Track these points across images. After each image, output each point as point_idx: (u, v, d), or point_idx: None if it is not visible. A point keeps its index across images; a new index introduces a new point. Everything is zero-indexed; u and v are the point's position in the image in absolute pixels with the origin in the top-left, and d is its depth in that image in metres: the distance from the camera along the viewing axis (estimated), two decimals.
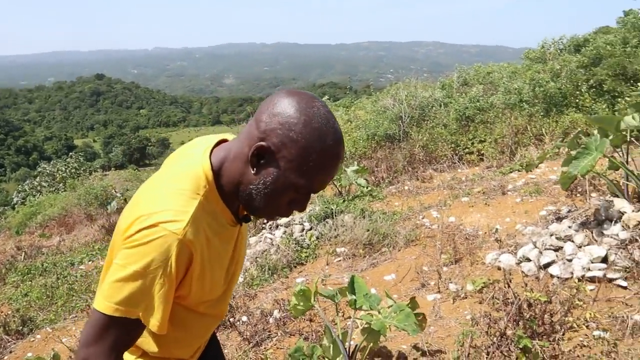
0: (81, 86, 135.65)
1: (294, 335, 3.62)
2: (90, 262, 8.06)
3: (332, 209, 5.58)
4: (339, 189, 6.32)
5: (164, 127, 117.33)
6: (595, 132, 3.53)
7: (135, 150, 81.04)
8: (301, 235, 5.53)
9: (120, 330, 1.16)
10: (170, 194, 1.19)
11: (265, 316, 3.91)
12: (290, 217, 6.05)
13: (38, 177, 21.66)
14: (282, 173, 1.15)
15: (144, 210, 1.16)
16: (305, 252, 5.14)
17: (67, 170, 21.12)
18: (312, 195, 1.26)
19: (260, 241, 5.76)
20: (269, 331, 3.71)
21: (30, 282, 7.13)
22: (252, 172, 1.17)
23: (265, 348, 3.51)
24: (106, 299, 1.14)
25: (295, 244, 5.26)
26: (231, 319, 4.02)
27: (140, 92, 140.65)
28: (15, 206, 19.04)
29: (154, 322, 1.18)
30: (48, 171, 21.53)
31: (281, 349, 3.47)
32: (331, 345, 2.72)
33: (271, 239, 5.64)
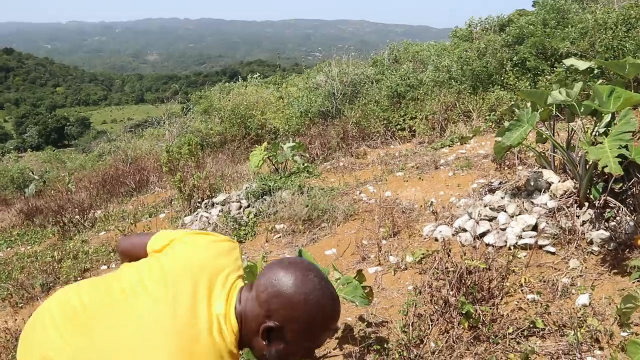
0: None
1: None
2: (9, 249, 7.59)
3: (269, 185, 5.53)
4: (276, 166, 6.27)
5: (84, 106, 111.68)
6: (529, 104, 3.68)
7: (52, 130, 76.62)
8: (239, 213, 5.45)
9: None
10: None
11: None
12: (227, 194, 5.95)
13: None
14: (292, 343, 1.24)
15: None
16: (244, 230, 5.08)
17: None
18: None
19: (196, 220, 5.63)
20: None
21: None
22: (264, 343, 1.24)
23: None
24: None
25: (233, 222, 5.18)
26: None
27: (55, 69, 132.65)
28: None
29: None
30: None
31: None
32: None
33: (207, 217, 5.53)
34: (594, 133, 3.33)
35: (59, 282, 5.30)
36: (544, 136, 3.94)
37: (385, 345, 2.80)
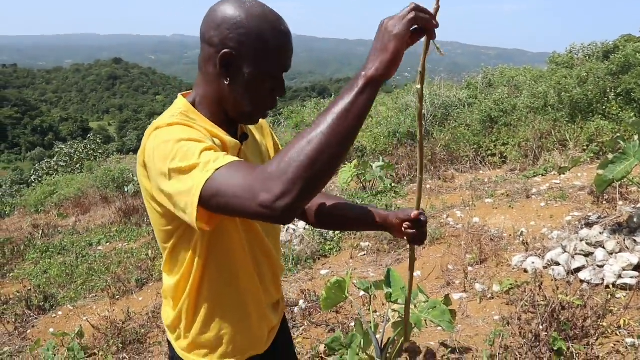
0: (98, 69, 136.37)
1: (320, 326, 3.63)
2: (108, 244, 8.13)
3: (356, 201, 5.58)
4: (364, 184, 6.32)
5: None
6: (636, 137, 3.50)
7: None
8: None
9: None
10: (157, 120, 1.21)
11: (290, 306, 3.93)
12: None
13: (55, 157, 21.79)
14: (253, 67, 1.20)
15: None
16: (329, 245, 5.15)
17: (85, 152, 21.25)
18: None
19: (283, 231, 5.78)
20: (294, 321, 3.73)
21: (49, 260, 7.21)
22: (227, 82, 1.22)
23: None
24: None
25: (319, 235, 5.27)
26: None
27: (156, 78, 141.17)
28: (32, 185, 19.18)
29: None
30: (65, 152, 21.66)
31: (308, 338, 3.48)
32: (362, 338, 2.73)
33: (294, 229, 5.66)
34: None
35: (152, 279, 5.62)
36: None
37: None
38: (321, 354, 3.16)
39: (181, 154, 1.05)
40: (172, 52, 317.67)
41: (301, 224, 5.73)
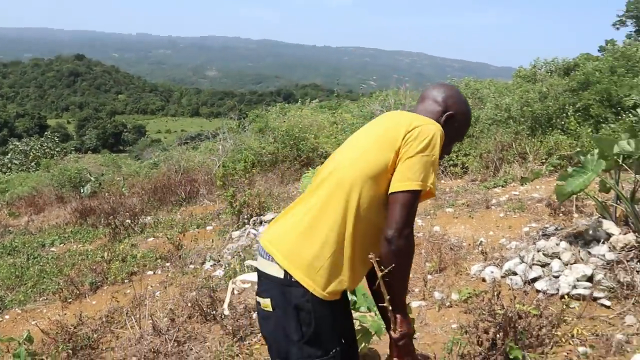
0: (59, 65, 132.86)
1: None
2: (62, 245, 7.87)
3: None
4: None
5: (141, 114, 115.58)
6: (595, 152, 3.58)
7: (110, 135, 79.63)
8: None
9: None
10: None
11: (249, 311, 3.87)
12: (275, 214, 6.02)
13: (9, 154, 21.07)
14: (456, 129, 1.92)
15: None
16: None
17: (41, 150, 20.62)
18: None
19: (243, 236, 5.71)
20: (253, 327, 3.67)
21: None
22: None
23: (249, 343, 3.47)
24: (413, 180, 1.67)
25: None
26: (213, 312, 3.96)
27: (119, 77, 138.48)
28: None
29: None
30: (21, 149, 20.97)
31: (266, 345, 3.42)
32: None
33: (255, 234, 5.60)
34: None
35: (106, 283, 5.46)
36: (607, 186, 3.83)
37: None
38: None
39: None
40: (137, 50, 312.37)
41: (262, 229, 5.67)
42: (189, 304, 4.23)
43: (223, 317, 3.92)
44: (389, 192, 1.68)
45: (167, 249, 6.25)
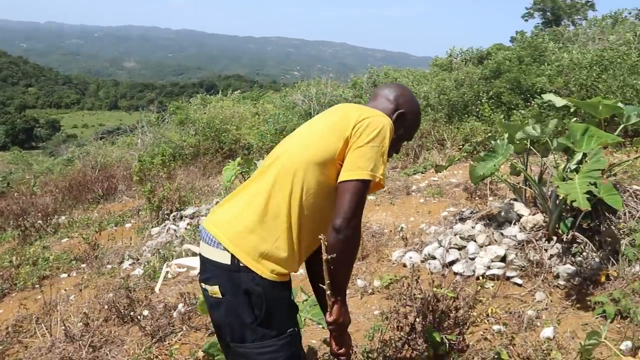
0: None
1: (200, 330, 3.48)
2: None
3: None
4: None
5: (55, 109, 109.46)
6: (505, 137, 3.72)
7: (20, 130, 74.82)
8: None
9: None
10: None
11: (168, 310, 3.73)
12: (196, 208, 5.85)
13: None
14: (406, 128, 1.95)
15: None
16: None
17: None
18: None
19: (163, 232, 5.52)
20: (173, 326, 3.54)
21: None
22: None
23: (169, 343, 3.34)
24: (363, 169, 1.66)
25: None
26: (131, 313, 3.79)
27: (29, 69, 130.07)
28: None
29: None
30: None
31: (187, 344, 3.32)
32: None
33: (175, 230, 5.42)
34: (565, 169, 3.38)
35: (15, 289, 5.10)
36: (517, 169, 3.99)
37: None
38: None
39: None
40: (47, 40, 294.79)
41: (182, 224, 5.50)
42: (106, 306, 4.03)
43: (142, 317, 3.77)
44: (339, 180, 1.69)
45: (82, 250, 5.93)
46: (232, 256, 1.68)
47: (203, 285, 1.78)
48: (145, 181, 7.05)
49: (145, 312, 3.85)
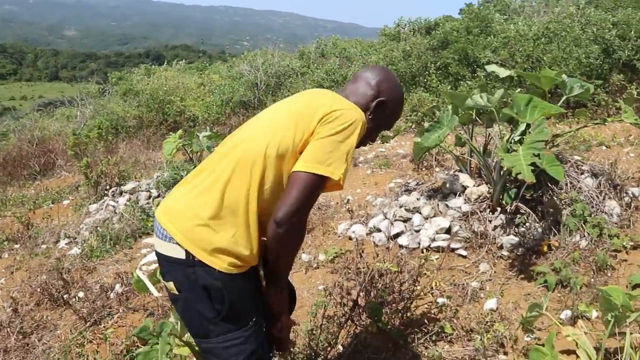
0: None
1: (137, 311, 3.33)
2: None
3: (182, 175, 5.25)
4: (190, 155, 5.98)
5: None
6: (449, 107, 3.67)
7: None
8: (147, 203, 5.15)
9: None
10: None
11: (105, 291, 3.55)
12: (137, 183, 5.62)
13: None
14: (386, 116, 1.80)
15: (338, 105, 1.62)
16: (152, 221, 4.78)
17: None
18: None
19: (102, 209, 5.27)
20: (110, 307, 3.38)
21: None
22: (369, 117, 1.74)
23: (104, 327, 3.18)
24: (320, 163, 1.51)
25: (141, 212, 4.88)
26: (65, 296, 3.59)
27: None
28: None
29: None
30: None
31: (123, 326, 3.16)
32: (179, 322, 2.50)
33: (114, 206, 5.18)
34: (509, 140, 3.36)
35: None
36: (462, 140, 3.96)
37: (291, 349, 2.66)
38: (137, 342, 2.88)
39: None
40: None
41: (122, 200, 5.26)
42: (38, 289, 3.80)
43: (77, 299, 3.57)
44: (292, 169, 1.54)
45: (15, 229, 5.60)
46: (187, 251, 1.55)
47: (161, 279, 1.69)
48: (82, 156, 6.70)
49: (81, 294, 3.66)
